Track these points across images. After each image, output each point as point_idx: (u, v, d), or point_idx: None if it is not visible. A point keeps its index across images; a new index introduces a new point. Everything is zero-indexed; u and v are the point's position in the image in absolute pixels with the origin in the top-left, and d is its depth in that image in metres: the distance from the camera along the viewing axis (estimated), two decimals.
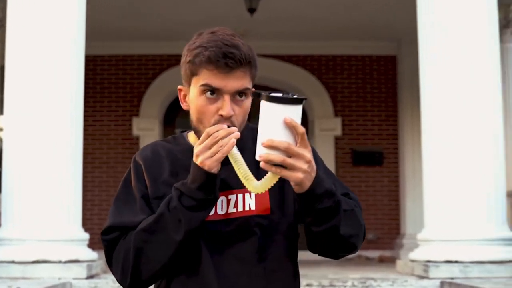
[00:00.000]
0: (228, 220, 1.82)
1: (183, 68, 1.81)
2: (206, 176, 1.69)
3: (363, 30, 11.09)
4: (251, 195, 1.83)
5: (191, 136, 1.91)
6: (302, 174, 1.62)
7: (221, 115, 1.74)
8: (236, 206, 1.83)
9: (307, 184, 1.65)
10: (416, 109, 7.80)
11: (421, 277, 6.40)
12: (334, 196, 1.72)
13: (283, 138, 1.61)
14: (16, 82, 6.42)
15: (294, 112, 1.62)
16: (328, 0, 9.58)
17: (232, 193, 1.83)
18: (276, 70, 11.71)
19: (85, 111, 6.86)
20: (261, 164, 1.61)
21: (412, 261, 6.81)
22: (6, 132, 6.61)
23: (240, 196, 1.83)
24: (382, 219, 11.71)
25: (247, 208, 1.83)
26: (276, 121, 1.60)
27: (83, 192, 6.88)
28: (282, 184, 1.79)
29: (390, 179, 11.85)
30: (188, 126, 1.92)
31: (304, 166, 1.62)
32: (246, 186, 1.67)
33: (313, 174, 1.67)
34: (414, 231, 10.50)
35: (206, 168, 1.67)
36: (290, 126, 1.60)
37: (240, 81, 1.75)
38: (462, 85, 6.43)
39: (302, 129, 1.61)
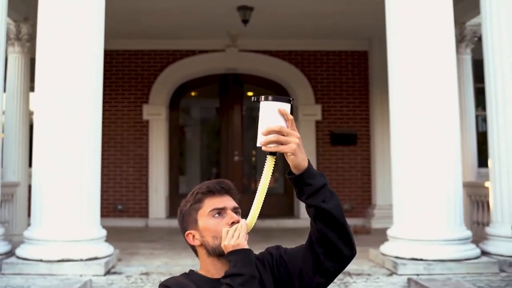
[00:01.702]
0: None
1: (186, 215, 2.00)
2: (244, 252, 1.83)
3: (339, 30, 11.41)
4: None
5: (201, 271, 2.00)
6: (294, 145, 1.75)
7: (231, 223, 1.93)
8: None
9: (301, 156, 1.78)
10: (385, 97, 7.81)
11: (391, 273, 6.41)
12: (325, 178, 1.85)
13: (277, 124, 1.78)
14: (46, 76, 6.38)
15: (285, 108, 1.79)
16: (311, 9, 9.86)
17: None
18: (266, 64, 12.05)
19: (103, 98, 6.89)
20: (263, 148, 1.77)
21: (383, 254, 6.77)
22: (36, 125, 6.42)
23: None
24: (356, 192, 12.01)
25: None
26: (272, 114, 1.77)
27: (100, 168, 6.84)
28: None
29: (362, 157, 12.11)
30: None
31: (296, 140, 1.76)
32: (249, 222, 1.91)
33: (304, 154, 1.80)
34: (383, 202, 11.17)
35: (240, 246, 1.83)
36: (282, 114, 1.76)
37: (233, 201, 2.00)
38: (423, 84, 6.42)
39: (291, 116, 1.78)
